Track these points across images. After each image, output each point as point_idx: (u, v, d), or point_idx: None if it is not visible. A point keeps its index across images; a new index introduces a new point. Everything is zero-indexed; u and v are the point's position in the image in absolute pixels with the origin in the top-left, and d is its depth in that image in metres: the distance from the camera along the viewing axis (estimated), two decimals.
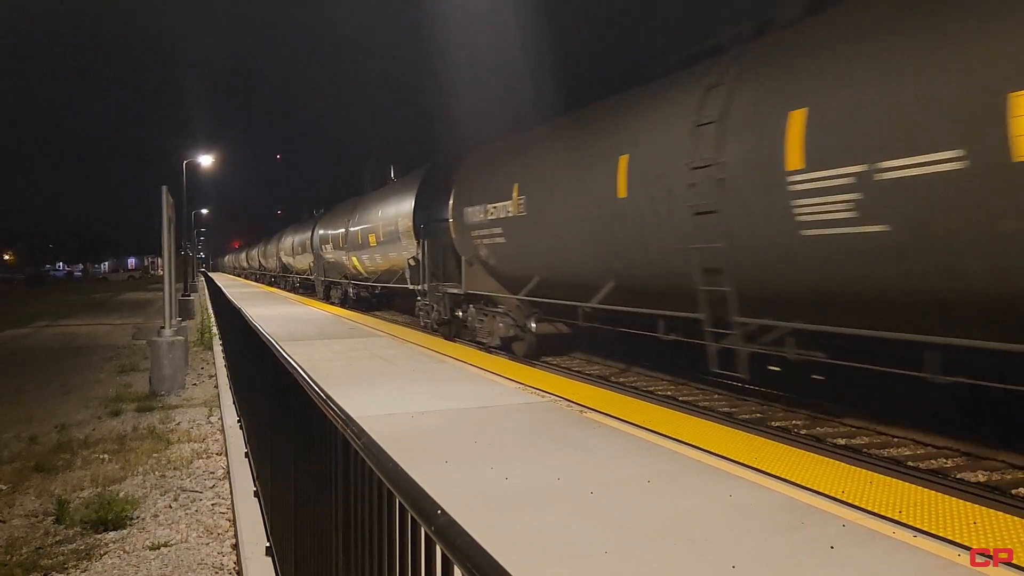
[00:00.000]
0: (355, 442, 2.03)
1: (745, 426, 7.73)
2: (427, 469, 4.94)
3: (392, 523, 1.70)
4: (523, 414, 6.89)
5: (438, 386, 8.46)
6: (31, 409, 10.56)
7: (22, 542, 5.41)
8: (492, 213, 13.07)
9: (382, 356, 11.20)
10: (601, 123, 10.53)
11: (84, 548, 5.22)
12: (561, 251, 11.10)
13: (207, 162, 33.95)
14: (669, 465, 5.12)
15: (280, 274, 48.31)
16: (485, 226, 13.41)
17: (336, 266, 28.40)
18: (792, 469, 4.90)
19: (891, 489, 4.44)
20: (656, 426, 6.21)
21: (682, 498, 4.41)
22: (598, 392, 8.18)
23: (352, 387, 8.40)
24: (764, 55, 7.70)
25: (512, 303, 13.19)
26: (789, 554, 3.56)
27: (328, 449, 2.44)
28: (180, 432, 8.67)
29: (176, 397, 11.13)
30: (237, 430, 7.15)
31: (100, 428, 9.14)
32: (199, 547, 5.18)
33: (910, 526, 3.83)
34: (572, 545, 3.72)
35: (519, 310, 13.09)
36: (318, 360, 10.64)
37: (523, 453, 5.47)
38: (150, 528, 5.59)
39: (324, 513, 2.53)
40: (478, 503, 4.36)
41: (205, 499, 6.24)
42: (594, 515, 4.13)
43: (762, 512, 4.14)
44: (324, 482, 2.52)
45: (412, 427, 6.37)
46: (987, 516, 3.96)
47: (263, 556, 4.11)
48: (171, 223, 13.19)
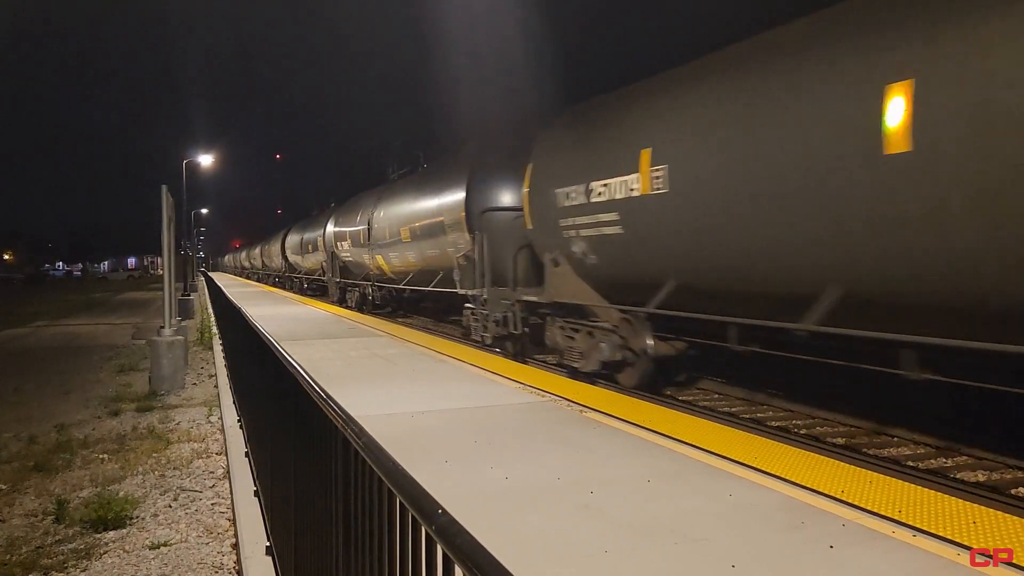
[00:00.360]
0: (355, 441, 2.04)
1: (745, 426, 7.74)
2: (427, 468, 4.94)
3: (392, 522, 1.70)
4: (523, 414, 6.89)
5: (438, 385, 8.46)
6: (30, 409, 10.57)
7: (22, 541, 5.42)
8: (602, 193, 9.63)
9: (382, 355, 11.20)
10: (852, 28, 6.37)
11: (84, 547, 5.23)
12: (736, 241, 7.54)
13: (207, 162, 34.01)
14: (669, 465, 5.12)
15: (285, 274, 45.43)
16: (588, 211, 10.01)
17: (355, 266, 25.28)
18: (792, 469, 4.90)
19: (891, 489, 4.44)
20: (656, 426, 6.22)
21: (682, 498, 4.41)
22: (598, 392, 8.18)
23: (352, 386, 8.40)
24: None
25: (615, 316, 10.16)
26: (789, 553, 3.56)
27: (328, 448, 2.44)
28: (180, 432, 8.67)
29: (176, 397, 11.14)
30: (237, 430, 7.16)
31: (100, 428, 9.15)
32: (199, 547, 5.18)
33: (910, 525, 3.83)
34: (572, 544, 3.72)
35: (628, 326, 9.91)
36: (318, 359, 10.64)
37: (523, 452, 5.47)
38: (150, 527, 5.60)
39: (324, 512, 2.53)
40: (478, 502, 4.37)
41: (205, 499, 6.24)
42: (594, 514, 4.13)
43: (762, 512, 4.14)
44: (324, 481, 2.53)
45: (412, 426, 6.38)
46: (987, 516, 3.96)
47: (263, 555, 4.11)
48: (171, 222, 13.19)
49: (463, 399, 7.57)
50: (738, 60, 7.91)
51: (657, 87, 9.47)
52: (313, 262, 34.51)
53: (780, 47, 7.32)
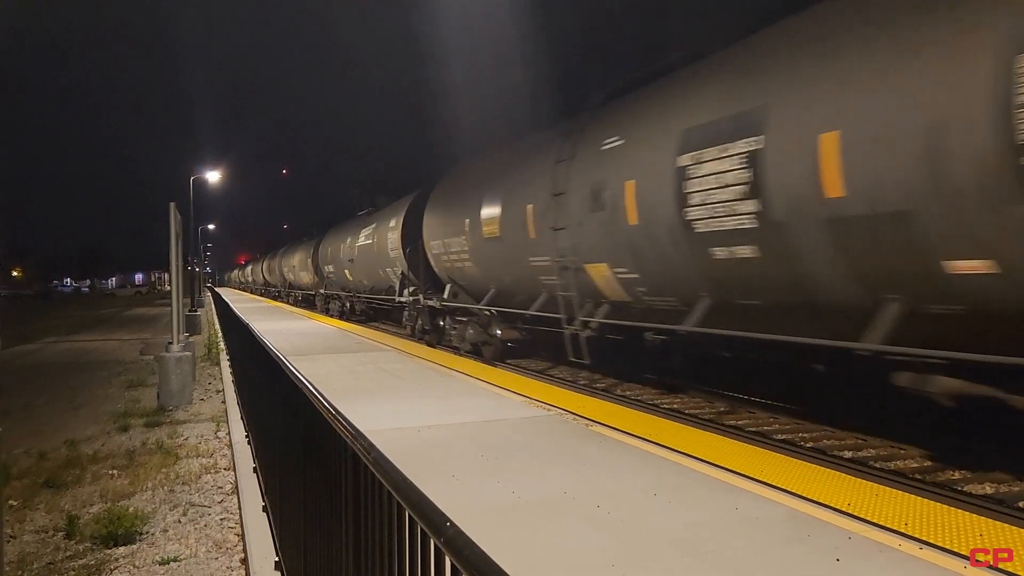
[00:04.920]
0: (365, 457, 2.08)
1: (751, 439, 7.73)
2: (435, 483, 4.97)
3: (402, 535, 1.74)
4: (530, 428, 6.91)
5: (445, 400, 8.49)
6: (41, 424, 10.63)
7: (33, 557, 5.46)
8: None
9: (389, 370, 11.24)
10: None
11: (94, 563, 5.27)
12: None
13: (214, 178, 34.21)
14: (675, 478, 5.14)
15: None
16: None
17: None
18: (798, 481, 4.91)
19: (897, 501, 4.45)
20: (662, 439, 6.23)
21: (688, 511, 4.42)
22: (604, 405, 8.19)
23: (360, 401, 8.44)
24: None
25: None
26: (796, 566, 3.57)
27: (337, 463, 2.48)
28: (188, 447, 8.71)
29: (184, 412, 11.19)
30: (245, 445, 7.19)
31: (109, 443, 9.20)
32: (208, 561, 5.21)
33: (916, 538, 3.84)
34: (579, 558, 3.74)
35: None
36: (325, 374, 10.69)
37: (530, 466, 5.50)
38: (159, 543, 5.63)
39: (334, 527, 2.57)
40: (486, 516, 4.39)
41: (214, 514, 6.28)
42: (601, 528, 4.15)
43: (768, 524, 4.15)
44: (333, 495, 2.56)
45: (419, 441, 6.40)
46: (993, 528, 3.97)
47: (272, 570, 4.14)
48: (179, 239, 13.30)
49: (470, 413, 7.59)
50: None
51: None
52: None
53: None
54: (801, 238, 6.65)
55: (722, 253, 7.61)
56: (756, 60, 7.57)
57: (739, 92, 7.44)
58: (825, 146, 6.17)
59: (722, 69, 8.17)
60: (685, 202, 7.91)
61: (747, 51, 7.91)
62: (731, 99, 7.50)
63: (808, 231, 6.54)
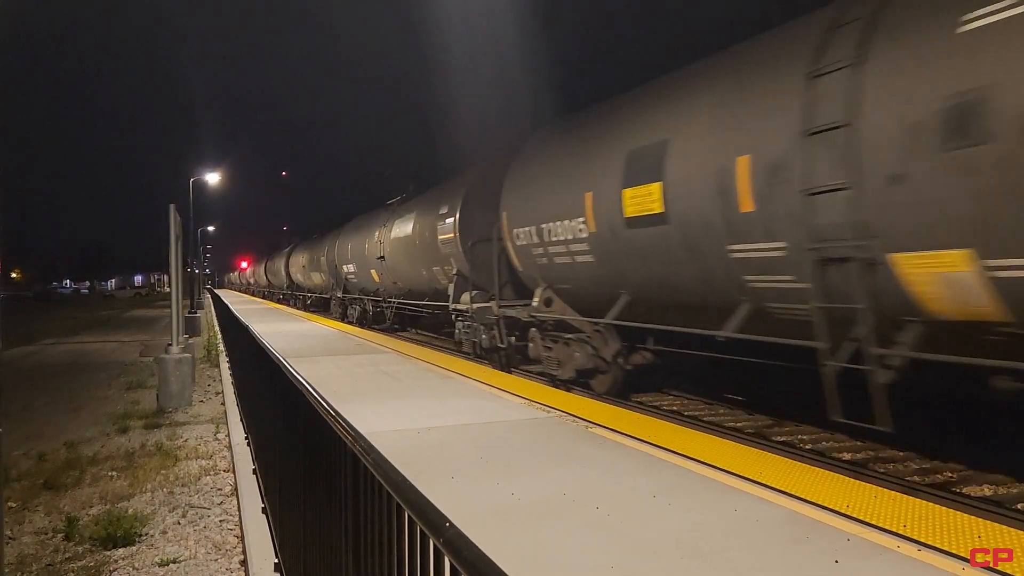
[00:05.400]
0: (364, 458, 2.08)
1: (750, 441, 7.74)
2: (434, 484, 4.97)
3: (401, 536, 1.75)
4: (529, 429, 6.92)
5: (444, 401, 8.49)
6: (40, 426, 10.63)
7: (32, 559, 5.46)
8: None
9: (388, 372, 11.24)
10: None
11: (94, 565, 5.26)
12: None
13: (213, 180, 34.26)
14: (675, 480, 5.14)
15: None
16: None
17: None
18: (797, 483, 4.91)
19: (895, 503, 4.45)
20: (662, 441, 6.23)
21: (688, 512, 4.43)
22: (604, 408, 8.20)
23: (359, 403, 8.44)
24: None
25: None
26: (795, 568, 3.58)
27: (337, 465, 2.48)
28: (188, 449, 8.71)
29: (183, 414, 11.19)
30: (244, 447, 7.20)
31: (108, 445, 9.20)
32: (208, 563, 5.21)
33: (915, 540, 3.85)
34: (578, 559, 3.74)
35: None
36: (325, 376, 10.69)
37: (529, 468, 5.50)
38: (159, 544, 5.63)
39: (333, 528, 2.57)
40: (485, 517, 4.39)
41: (213, 515, 6.28)
42: (600, 529, 4.16)
43: (767, 526, 4.16)
44: (333, 497, 2.57)
45: (419, 442, 6.41)
46: (992, 530, 3.97)
47: (271, 572, 4.15)
48: (178, 241, 13.30)
49: (469, 415, 7.60)
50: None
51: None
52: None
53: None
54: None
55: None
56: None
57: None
58: None
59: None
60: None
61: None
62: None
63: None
